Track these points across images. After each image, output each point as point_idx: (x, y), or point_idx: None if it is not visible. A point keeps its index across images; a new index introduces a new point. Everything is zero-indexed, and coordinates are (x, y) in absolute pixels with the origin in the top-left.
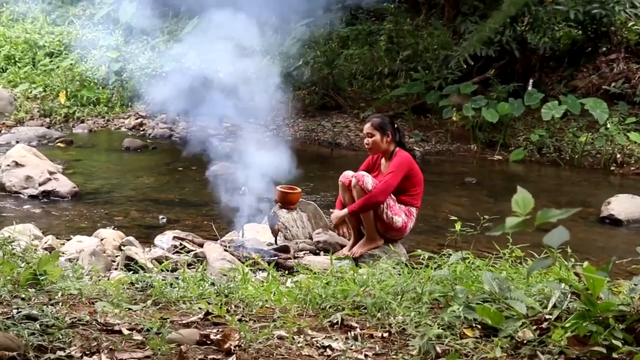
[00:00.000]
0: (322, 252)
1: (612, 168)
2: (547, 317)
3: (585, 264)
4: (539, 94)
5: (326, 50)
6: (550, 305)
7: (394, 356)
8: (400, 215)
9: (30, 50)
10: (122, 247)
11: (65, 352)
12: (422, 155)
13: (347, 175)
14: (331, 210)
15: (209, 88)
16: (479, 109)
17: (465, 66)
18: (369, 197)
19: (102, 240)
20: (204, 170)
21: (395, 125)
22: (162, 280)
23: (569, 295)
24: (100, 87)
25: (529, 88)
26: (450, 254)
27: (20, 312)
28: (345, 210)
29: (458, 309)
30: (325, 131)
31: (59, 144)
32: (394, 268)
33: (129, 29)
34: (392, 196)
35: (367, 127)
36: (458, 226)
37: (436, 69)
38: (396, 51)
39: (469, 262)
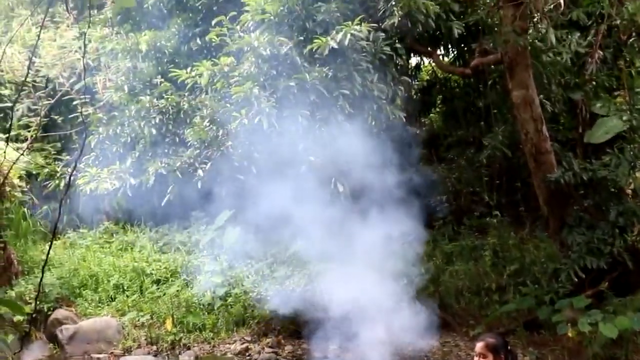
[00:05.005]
0: None
1: None
2: None
3: None
4: None
5: (430, 267)
6: None
7: None
8: None
9: (138, 278)
10: None
11: None
12: None
13: None
14: None
15: (314, 309)
16: (595, 324)
17: (576, 279)
18: None
19: None
20: None
21: (509, 347)
22: None
23: None
24: (206, 313)
25: None
26: None
27: None
28: None
29: None
30: (435, 351)
31: None
32: None
33: (234, 254)
34: None
35: (480, 346)
36: None
37: (546, 283)
38: (502, 265)
39: None
